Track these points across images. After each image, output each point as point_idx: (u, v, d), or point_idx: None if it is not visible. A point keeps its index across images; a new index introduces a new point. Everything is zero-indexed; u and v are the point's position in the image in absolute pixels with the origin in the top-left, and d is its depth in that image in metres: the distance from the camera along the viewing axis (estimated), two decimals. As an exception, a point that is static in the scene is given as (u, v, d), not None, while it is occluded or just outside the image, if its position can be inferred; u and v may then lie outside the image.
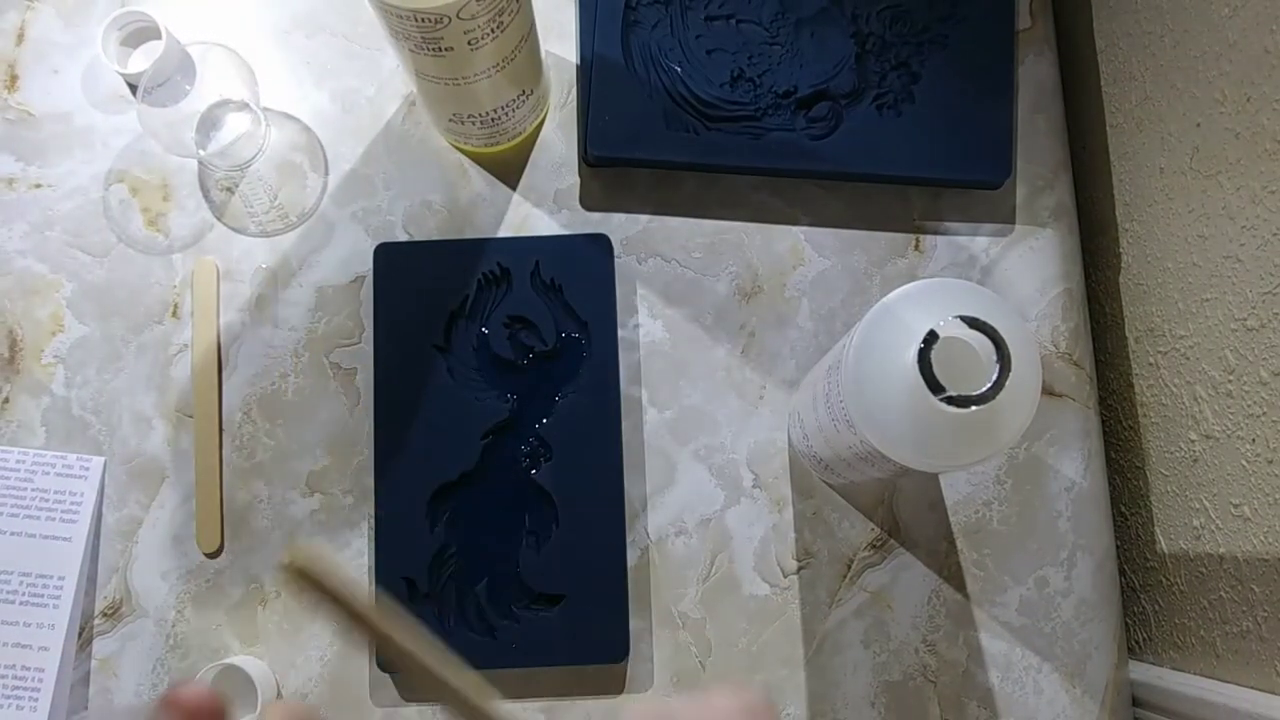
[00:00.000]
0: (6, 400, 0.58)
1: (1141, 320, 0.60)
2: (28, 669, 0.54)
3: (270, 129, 0.61)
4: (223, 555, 0.57)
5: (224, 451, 0.58)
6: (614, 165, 0.60)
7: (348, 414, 0.58)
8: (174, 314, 0.59)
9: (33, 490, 0.56)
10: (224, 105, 0.60)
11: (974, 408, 0.39)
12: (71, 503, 0.57)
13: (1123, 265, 0.62)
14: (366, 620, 0.24)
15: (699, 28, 0.60)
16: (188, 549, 0.57)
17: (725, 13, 0.60)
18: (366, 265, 0.59)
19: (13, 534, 0.56)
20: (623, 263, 0.60)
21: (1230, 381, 0.51)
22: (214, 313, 0.59)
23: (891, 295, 0.43)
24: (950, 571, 0.58)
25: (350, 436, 0.58)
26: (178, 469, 0.58)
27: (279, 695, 0.56)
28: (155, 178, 0.61)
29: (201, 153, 0.60)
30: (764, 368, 0.60)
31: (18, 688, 0.54)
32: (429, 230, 0.60)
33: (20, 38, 0.62)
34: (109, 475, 0.58)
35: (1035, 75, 0.63)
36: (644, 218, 0.61)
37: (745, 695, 0.21)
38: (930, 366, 0.39)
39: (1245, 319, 0.50)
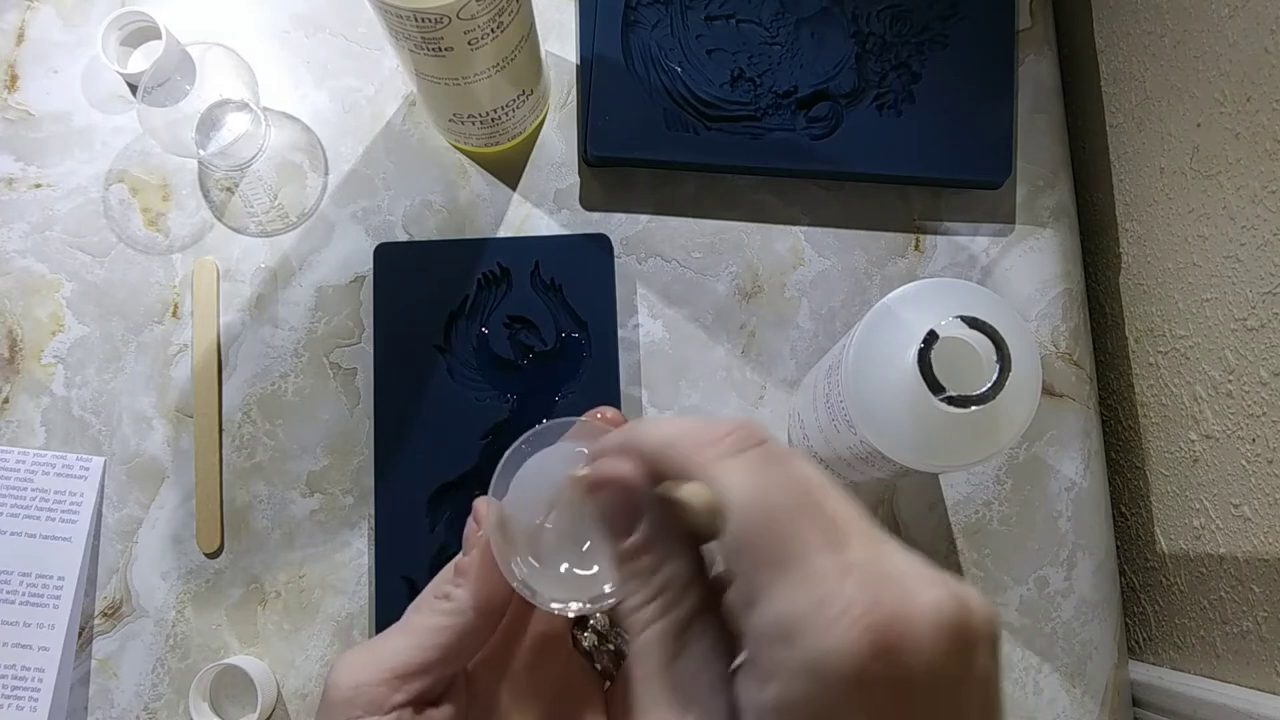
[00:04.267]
0: (6, 400, 0.58)
1: (1141, 320, 0.60)
2: (28, 669, 0.54)
3: (270, 129, 0.61)
4: (223, 555, 0.57)
5: (224, 451, 0.58)
6: (614, 165, 0.60)
7: (348, 414, 0.58)
8: (174, 314, 0.59)
9: (33, 490, 0.56)
10: (224, 105, 0.60)
11: (974, 408, 0.39)
12: (71, 503, 0.57)
13: (1123, 265, 0.62)
14: None
15: (699, 28, 0.60)
16: (188, 549, 0.57)
17: (725, 13, 0.60)
18: (366, 265, 0.59)
19: (13, 534, 0.56)
20: (623, 263, 0.60)
21: (1230, 381, 0.51)
22: (214, 313, 0.59)
23: (891, 295, 0.43)
24: (950, 571, 0.58)
25: (350, 436, 0.58)
26: (178, 469, 0.58)
27: (279, 695, 0.56)
28: (155, 178, 0.61)
29: (201, 153, 0.60)
30: (764, 368, 0.60)
31: (18, 688, 0.54)
32: (429, 230, 0.60)
33: (20, 38, 0.62)
34: (109, 475, 0.58)
35: (1035, 75, 0.63)
36: (644, 218, 0.61)
37: (738, 419, 0.24)
38: (930, 366, 0.39)
39: (1245, 319, 0.50)
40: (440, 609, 0.31)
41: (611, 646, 0.34)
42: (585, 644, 0.34)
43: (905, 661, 0.20)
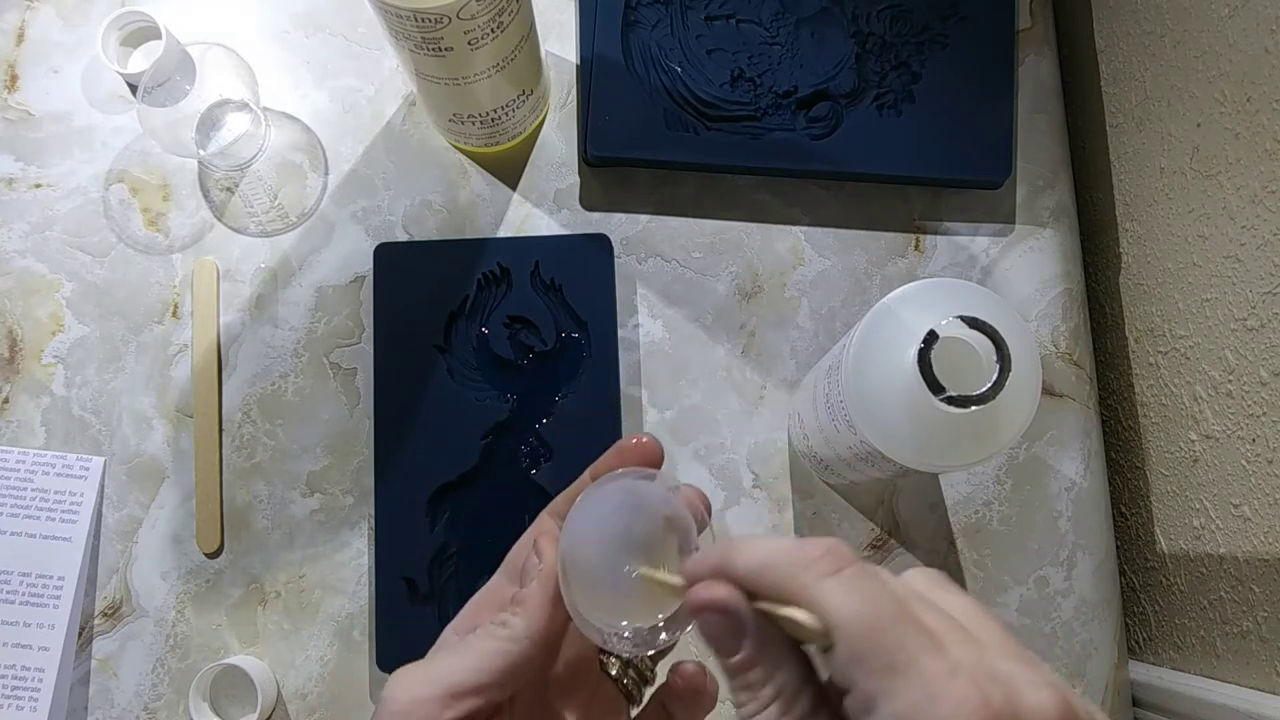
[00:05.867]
0: (6, 400, 0.58)
1: (1141, 320, 0.60)
2: (28, 669, 0.54)
3: (270, 129, 0.61)
4: (223, 555, 0.57)
5: (224, 451, 0.58)
6: (614, 165, 0.60)
7: (348, 414, 0.58)
8: (174, 314, 0.59)
9: (33, 490, 0.56)
10: (224, 105, 0.60)
11: (974, 408, 0.39)
12: (71, 503, 0.57)
13: (1123, 265, 0.62)
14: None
15: (699, 28, 0.60)
16: (188, 549, 0.57)
17: (725, 13, 0.60)
18: (366, 265, 0.59)
19: (13, 534, 0.56)
20: (623, 263, 0.60)
21: (1230, 381, 0.51)
22: (214, 313, 0.59)
23: (891, 295, 0.43)
24: (950, 571, 0.58)
25: (350, 436, 0.58)
26: (178, 469, 0.58)
27: (279, 695, 0.56)
28: (155, 178, 0.61)
29: (201, 153, 0.60)
30: (764, 368, 0.60)
31: (18, 688, 0.54)
32: (429, 230, 0.60)
33: (20, 38, 0.62)
34: (109, 475, 0.58)
35: (1035, 75, 0.63)
36: (644, 218, 0.61)
37: (827, 540, 0.26)
38: (930, 366, 0.39)
39: (1245, 319, 0.50)
40: (498, 635, 0.32)
41: (634, 673, 0.36)
42: (613, 670, 0.36)
43: None
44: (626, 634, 0.31)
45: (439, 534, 0.55)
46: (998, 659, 0.24)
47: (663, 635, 0.31)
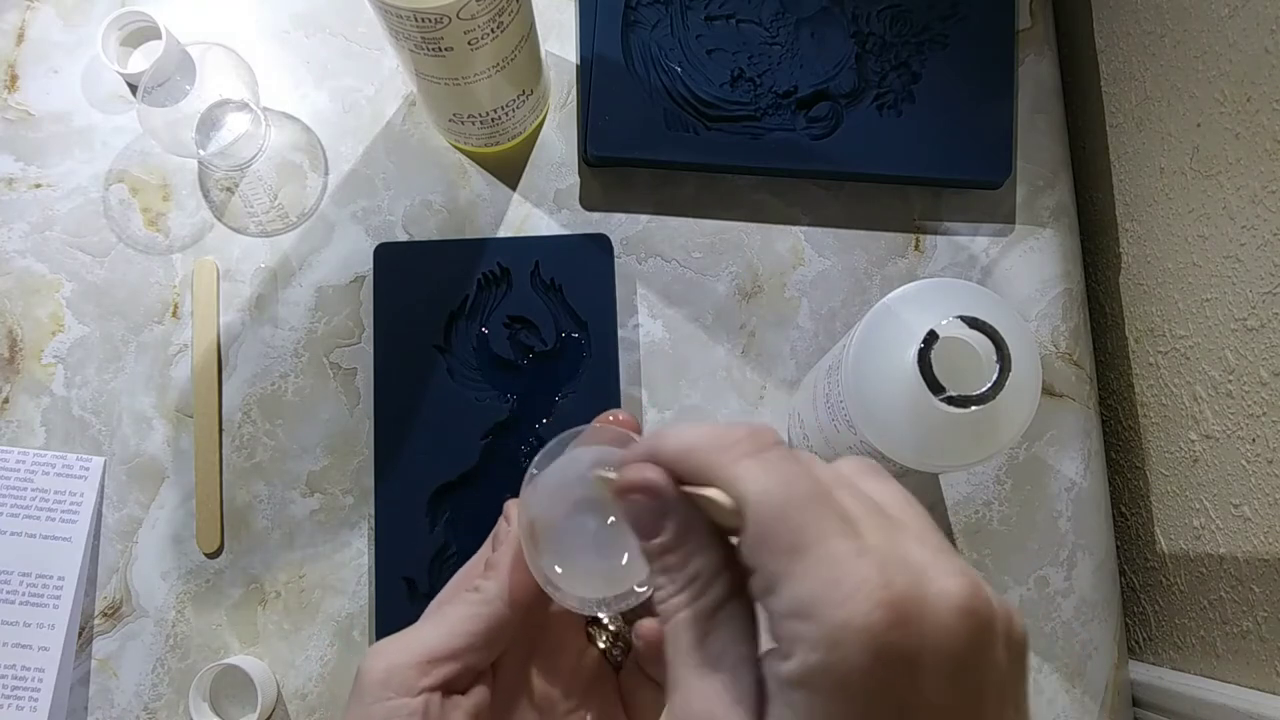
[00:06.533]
0: (6, 400, 0.58)
1: (1141, 320, 0.60)
2: (28, 669, 0.54)
3: (270, 129, 0.61)
4: (223, 555, 0.57)
5: (224, 451, 0.58)
6: (614, 165, 0.60)
7: (348, 414, 0.58)
8: (174, 314, 0.59)
9: (33, 490, 0.56)
10: (224, 105, 0.60)
11: (974, 408, 0.39)
12: (71, 503, 0.57)
13: (1123, 265, 0.62)
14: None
15: (699, 28, 0.60)
16: (188, 549, 0.57)
17: (725, 13, 0.60)
18: (366, 265, 0.59)
19: (13, 534, 0.56)
20: (623, 263, 0.60)
21: (1230, 381, 0.51)
22: (214, 313, 0.59)
23: (891, 295, 0.43)
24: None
25: (350, 436, 0.58)
26: (178, 469, 0.58)
27: (279, 695, 0.56)
28: (155, 178, 0.61)
29: (201, 153, 0.60)
30: (764, 368, 0.60)
31: (18, 688, 0.54)
32: (429, 230, 0.60)
33: (20, 38, 0.62)
34: (109, 475, 0.58)
35: (1035, 75, 0.63)
36: (644, 218, 0.61)
37: (753, 424, 0.26)
38: (930, 366, 0.39)
39: (1245, 319, 0.50)
40: (470, 600, 0.33)
41: (622, 644, 0.36)
42: (601, 643, 0.36)
43: (921, 637, 0.21)
44: (584, 596, 0.31)
45: (439, 534, 0.55)
46: (914, 545, 0.23)
47: (635, 588, 0.31)
